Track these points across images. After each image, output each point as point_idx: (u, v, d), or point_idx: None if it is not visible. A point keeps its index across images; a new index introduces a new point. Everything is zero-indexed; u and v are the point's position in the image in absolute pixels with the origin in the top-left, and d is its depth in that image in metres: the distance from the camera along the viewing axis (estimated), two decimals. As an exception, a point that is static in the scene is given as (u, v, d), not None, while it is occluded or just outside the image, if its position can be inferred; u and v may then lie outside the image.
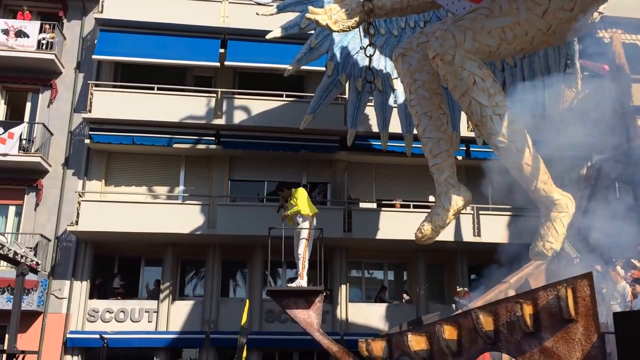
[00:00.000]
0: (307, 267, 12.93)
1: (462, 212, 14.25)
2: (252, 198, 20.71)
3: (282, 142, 19.96)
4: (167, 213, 19.18)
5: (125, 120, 19.57)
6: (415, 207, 20.12)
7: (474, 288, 20.28)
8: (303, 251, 12.91)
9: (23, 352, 14.11)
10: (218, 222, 19.24)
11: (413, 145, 17.05)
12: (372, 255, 21.31)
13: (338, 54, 16.38)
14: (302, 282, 12.87)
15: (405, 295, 21.03)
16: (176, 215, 19.16)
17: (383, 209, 20.11)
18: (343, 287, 20.35)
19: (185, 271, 21.24)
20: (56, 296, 19.19)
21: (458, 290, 16.38)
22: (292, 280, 13.79)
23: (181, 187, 20.60)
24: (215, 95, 20.31)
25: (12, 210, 20.15)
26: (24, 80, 20.66)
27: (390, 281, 22.13)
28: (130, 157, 20.64)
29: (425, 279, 20.71)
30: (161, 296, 19.65)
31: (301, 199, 13.27)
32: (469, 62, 11.87)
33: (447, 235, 18.26)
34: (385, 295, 20.96)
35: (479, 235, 19.87)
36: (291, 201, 13.43)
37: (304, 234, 12.99)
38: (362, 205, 20.77)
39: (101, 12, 20.48)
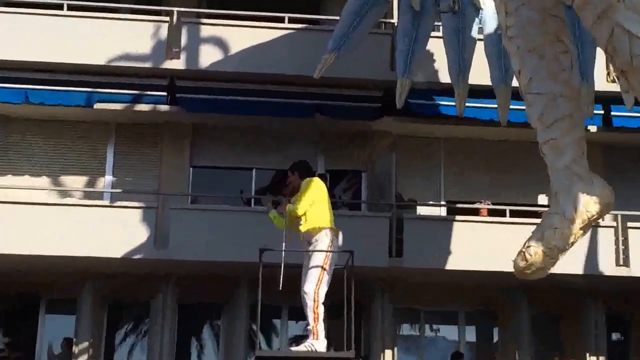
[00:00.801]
0: (321, 316, 12.73)
1: (596, 223, 14.23)
2: (229, 197, 20.82)
3: (282, 100, 20.04)
4: (84, 222, 19.10)
5: (13, 61, 19.66)
6: (513, 214, 20.21)
7: (617, 353, 20.32)
8: (314, 290, 12.53)
9: None
10: (172, 238, 19.20)
11: (511, 107, 17.09)
12: (437, 298, 21.29)
13: (380, -51, 16.48)
14: (316, 342, 12.69)
15: (495, 367, 21.16)
16: (100, 227, 19.05)
17: (457, 217, 20.13)
18: (388, 352, 20.45)
19: (115, 323, 21.38)
20: None
21: None
22: (300, 339, 13.78)
23: (109, 178, 20.78)
24: (168, 19, 20.38)
25: None
26: None
27: (471, 343, 22.23)
28: (23, 126, 20.81)
29: (531, 339, 20.76)
30: (74, 365, 19.84)
31: (311, 195, 12.75)
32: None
33: (569, 264, 18.14)
34: (462, 367, 21.08)
35: (626, 264, 19.81)
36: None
37: (318, 259, 12.80)
38: (421, 210, 20.86)
39: None
